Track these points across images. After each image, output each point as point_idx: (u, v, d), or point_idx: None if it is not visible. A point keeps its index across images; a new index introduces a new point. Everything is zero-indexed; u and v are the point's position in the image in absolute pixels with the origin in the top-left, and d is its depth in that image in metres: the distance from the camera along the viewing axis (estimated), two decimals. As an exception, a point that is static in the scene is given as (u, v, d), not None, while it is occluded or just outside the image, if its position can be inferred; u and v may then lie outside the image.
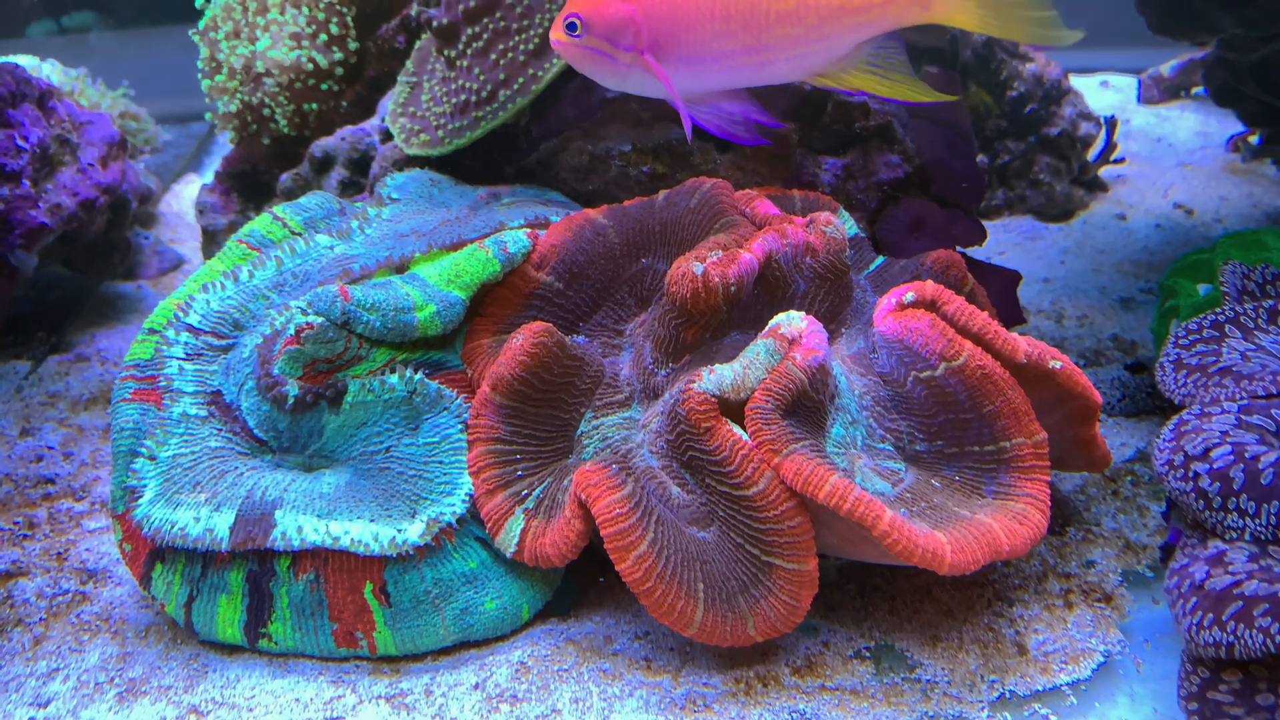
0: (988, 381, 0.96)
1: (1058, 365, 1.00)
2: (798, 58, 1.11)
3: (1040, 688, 0.93)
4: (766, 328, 0.99)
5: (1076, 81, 2.16)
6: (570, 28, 1.12)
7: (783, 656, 0.97)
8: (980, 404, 0.96)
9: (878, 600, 1.03)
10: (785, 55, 1.11)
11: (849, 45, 1.12)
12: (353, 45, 1.55)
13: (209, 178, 2.28)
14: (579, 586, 1.07)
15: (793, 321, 0.98)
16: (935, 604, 1.02)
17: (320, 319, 1.00)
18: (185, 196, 2.27)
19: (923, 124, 1.37)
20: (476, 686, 0.96)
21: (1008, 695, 0.92)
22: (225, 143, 2.54)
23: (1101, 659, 0.95)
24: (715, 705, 0.92)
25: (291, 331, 1.00)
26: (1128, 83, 2.68)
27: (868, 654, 0.97)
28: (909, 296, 1.01)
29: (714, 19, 1.10)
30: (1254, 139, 2.18)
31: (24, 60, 2.09)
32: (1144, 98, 2.60)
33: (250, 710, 0.95)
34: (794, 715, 0.91)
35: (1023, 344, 1.00)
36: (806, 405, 0.96)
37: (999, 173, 2.06)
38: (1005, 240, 1.92)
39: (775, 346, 0.96)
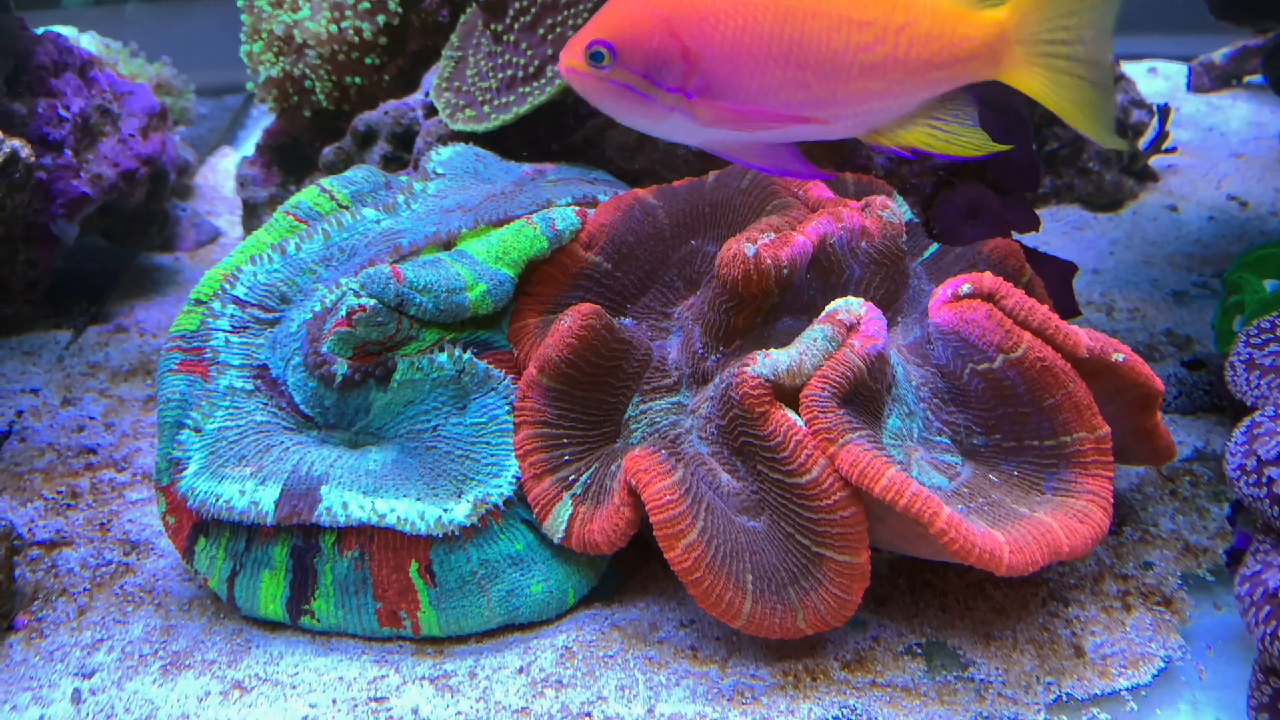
0: (1047, 374, 0.93)
1: (1120, 358, 0.97)
2: (866, 114, 0.95)
3: (1098, 692, 0.90)
4: (823, 313, 0.96)
5: (1124, 68, 2.10)
6: (595, 58, 0.90)
7: (832, 650, 0.95)
8: (1040, 397, 0.94)
9: (929, 596, 1.01)
10: (856, 111, 0.94)
11: (910, 106, 0.97)
12: (395, 7, 1.52)
13: (245, 151, 2.27)
14: (623, 572, 1.05)
15: (851, 307, 0.95)
16: (988, 601, 1.00)
17: (373, 301, 0.98)
18: (221, 169, 2.27)
19: (980, 109, 1.33)
20: (521, 670, 0.95)
21: (1064, 698, 0.90)
22: (261, 116, 2.53)
23: (1162, 664, 0.93)
24: (763, 697, 0.90)
25: (343, 312, 0.99)
26: (1177, 70, 2.61)
27: (919, 651, 0.95)
28: (965, 288, 0.98)
29: (786, 65, 0.90)
30: (1313, 130, 2.12)
31: (64, 31, 2.08)
32: (1194, 85, 2.53)
33: (294, 687, 0.94)
34: (844, 710, 0.89)
35: (1084, 337, 0.97)
36: (864, 394, 0.93)
37: (1047, 160, 2.01)
38: (1053, 229, 1.88)
39: (833, 332, 0.93)
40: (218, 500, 0.99)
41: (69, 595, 1.07)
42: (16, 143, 1.38)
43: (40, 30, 1.66)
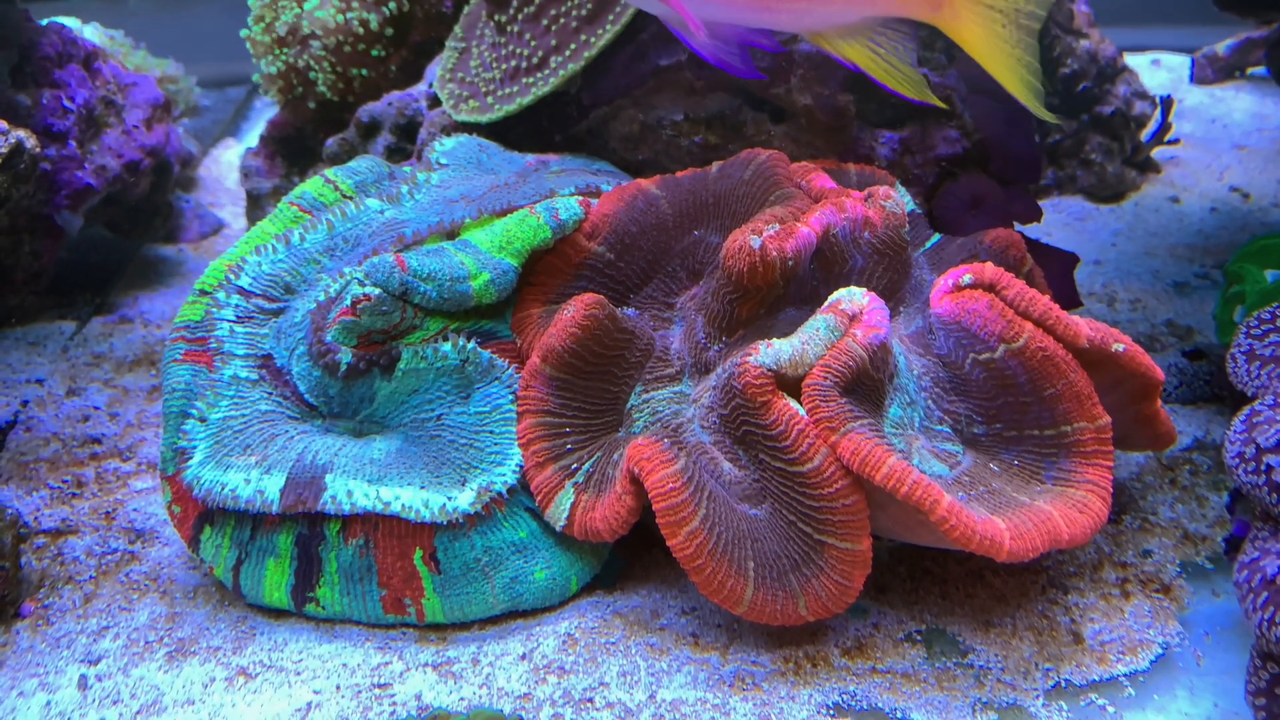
0: (1049, 364, 0.94)
1: (1121, 348, 0.98)
2: (796, 13, 1.04)
3: (1097, 678, 0.91)
4: (826, 303, 0.97)
5: (1127, 60, 2.10)
6: None
7: (832, 637, 0.96)
8: (1041, 387, 0.94)
9: (929, 583, 1.02)
10: (784, 6, 1.03)
11: (852, 17, 1.04)
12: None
13: (248, 142, 2.28)
14: (625, 560, 1.06)
15: (854, 297, 0.96)
16: (988, 589, 1.01)
17: (378, 290, 0.99)
18: (224, 161, 2.27)
19: (982, 99, 1.33)
20: (524, 657, 0.95)
21: (1063, 684, 0.91)
22: (263, 108, 2.53)
23: (1160, 650, 0.93)
24: (764, 684, 0.91)
25: (348, 301, 1.00)
26: (1180, 61, 2.60)
27: (919, 637, 0.96)
28: (966, 279, 0.98)
29: None
30: (1315, 122, 2.12)
31: (67, 22, 2.08)
32: (1197, 77, 2.53)
33: (298, 674, 0.95)
34: (844, 696, 0.90)
35: (1084, 328, 0.97)
36: (866, 384, 0.94)
37: (1049, 152, 2.01)
38: (1055, 221, 1.88)
39: (835, 322, 0.94)
40: (223, 489, 0.99)
41: (75, 583, 1.08)
42: (22, 133, 1.38)
43: (44, 21, 1.66)
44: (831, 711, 0.88)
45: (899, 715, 0.88)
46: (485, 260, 1.05)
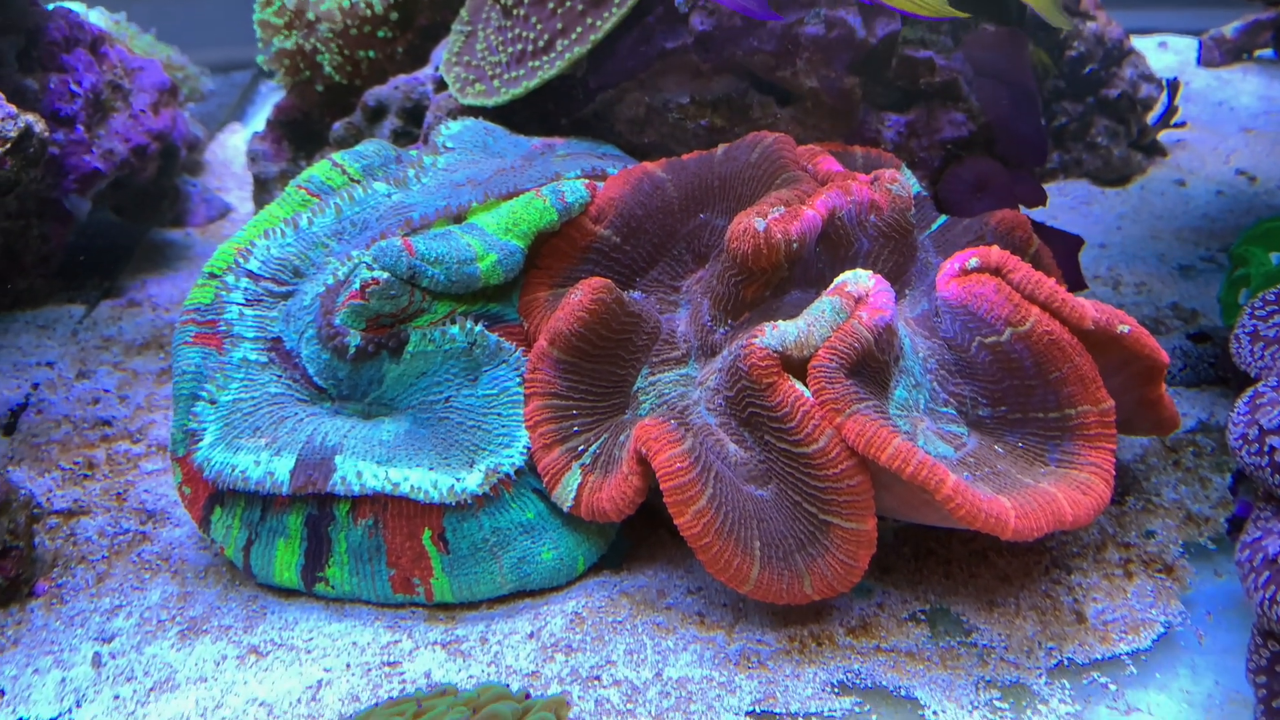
0: (1054, 348, 0.94)
1: (1126, 329, 0.98)
2: None
3: (1099, 656, 0.92)
4: (832, 285, 0.97)
5: (1134, 42, 2.09)
6: None
7: (836, 616, 0.97)
8: (1046, 370, 0.95)
9: (933, 564, 1.02)
10: None
11: None
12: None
13: (254, 127, 2.28)
14: (631, 540, 1.07)
15: (859, 279, 0.96)
16: (991, 569, 1.01)
17: (386, 274, 1.00)
18: (230, 145, 2.28)
19: (988, 82, 1.33)
20: (531, 635, 0.97)
21: (1066, 663, 0.92)
22: (269, 93, 2.53)
23: (1162, 630, 0.94)
24: (770, 662, 0.92)
25: (357, 285, 1.00)
26: (1187, 44, 2.59)
27: (923, 617, 0.97)
28: (973, 262, 0.98)
29: None
30: (1323, 105, 2.11)
31: (73, 6, 2.08)
32: (1204, 60, 2.51)
33: (308, 652, 0.96)
34: (849, 675, 0.91)
35: (1090, 310, 0.98)
36: (871, 365, 0.94)
37: (1055, 135, 2.00)
38: (1060, 204, 1.88)
39: (841, 304, 0.94)
40: (233, 471, 1.00)
41: (88, 563, 1.09)
42: (30, 118, 1.38)
43: (51, 6, 1.66)
44: (836, 689, 0.89)
45: (903, 693, 0.89)
46: (492, 242, 1.06)
